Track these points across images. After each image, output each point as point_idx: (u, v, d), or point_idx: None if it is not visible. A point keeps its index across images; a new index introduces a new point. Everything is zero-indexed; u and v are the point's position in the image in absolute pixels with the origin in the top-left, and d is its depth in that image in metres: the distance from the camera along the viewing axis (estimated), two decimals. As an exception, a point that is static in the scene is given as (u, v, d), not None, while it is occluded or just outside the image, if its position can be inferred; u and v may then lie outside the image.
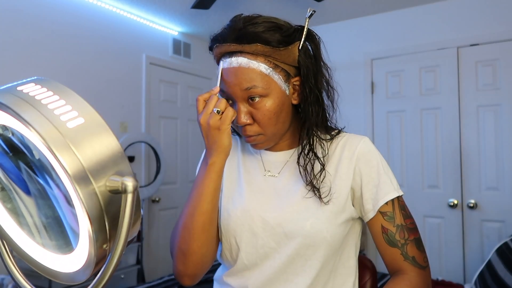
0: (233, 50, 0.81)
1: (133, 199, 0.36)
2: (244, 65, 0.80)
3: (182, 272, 0.85)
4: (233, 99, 0.82)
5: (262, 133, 0.83)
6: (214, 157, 0.82)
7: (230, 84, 0.81)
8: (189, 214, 0.83)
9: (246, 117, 0.82)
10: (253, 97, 0.80)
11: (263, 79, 0.80)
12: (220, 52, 0.83)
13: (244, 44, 0.79)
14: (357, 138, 0.88)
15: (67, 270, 0.41)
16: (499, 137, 2.79)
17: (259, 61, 0.80)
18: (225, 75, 0.82)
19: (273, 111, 0.81)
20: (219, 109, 0.79)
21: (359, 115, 3.26)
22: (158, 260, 3.42)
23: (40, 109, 0.36)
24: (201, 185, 0.83)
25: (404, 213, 0.85)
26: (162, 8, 3.15)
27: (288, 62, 0.82)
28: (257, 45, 0.79)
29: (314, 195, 0.82)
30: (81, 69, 2.86)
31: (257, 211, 0.86)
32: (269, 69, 0.81)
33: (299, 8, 3.07)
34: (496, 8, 2.82)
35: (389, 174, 0.86)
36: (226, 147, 0.81)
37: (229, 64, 0.81)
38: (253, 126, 0.82)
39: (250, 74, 0.80)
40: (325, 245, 0.82)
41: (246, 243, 0.85)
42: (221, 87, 0.83)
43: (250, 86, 0.79)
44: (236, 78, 0.80)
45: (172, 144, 3.60)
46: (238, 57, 0.80)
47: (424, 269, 0.83)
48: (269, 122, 0.82)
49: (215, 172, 0.82)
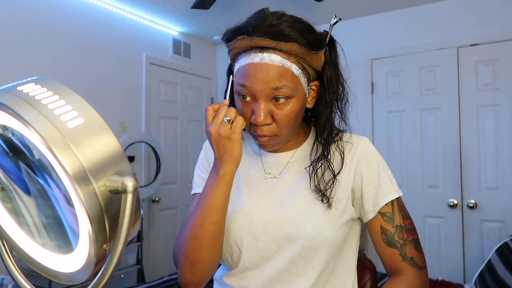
0: (266, 46, 0.76)
1: (133, 199, 0.36)
2: (278, 63, 0.77)
3: (189, 281, 0.83)
4: (256, 96, 0.78)
5: (277, 134, 0.81)
6: (225, 167, 0.78)
7: (258, 80, 0.77)
8: (199, 223, 0.80)
9: (267, 118, 0.78)
10: (278, 97, 0.78)
11: (293, 80, 0.78)
12: (249, 45, 0.78)
13: (280, 42, 0.76)
14: (357, 138, 0.88)
15: (67, 270, 0.41)
16: (499, 137, 2.79)
17: (291, 61, 0.78)
18: (253, 70, 0.77)
19: (295, 113, 0.80)
20: (229, 118, 0.76)
21: (359, 115, 3.25)
22: (158, 260, 3.42)
23: (40, 109, 0.36)
24: (212, 195, 0.80)
25: (403, 213, 0.85)
26: (162, 8, 3.15)
27: (315, 66, 0.82)
28: (294, 44, 0.76)
29: (321, 201, 0.82)
30: (81, 69, 2.86)
31: (257, 214, 0.85)
32: (299, 71, 0.79)
33: (299, 8, 3.07)
34: (496, 8, 2.82)
35: (389, 175, 0.86)
36: (237, 156, 0.78)
37: (260, 59, 0.77)
38: (270, 126, 0.80)
39: (282, 73, 0.77)
40: (326, 247, 0.81)
41: (247, 246, 0.85)
42: (244, 83, 0.78)
43: (281, 86, 0.77)
44: (267, 75, 0.76)
45: (172, 144, 3.60)
46: (271, 54, 0.77)
47: (422, 270, 0.84)
48: (289, 124, 0.80)
49: (226, 182, 0.79)
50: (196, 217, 0.81)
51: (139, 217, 0.40)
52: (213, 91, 4.06)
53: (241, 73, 0.79)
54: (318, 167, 0.84)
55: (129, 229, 0.36)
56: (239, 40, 0.79)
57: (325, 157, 0.84)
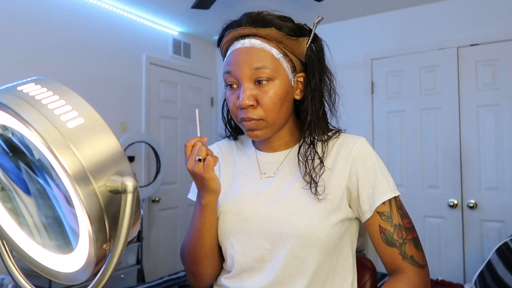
0: (247, 33, 0.84)
1: (133, 199, 0.36)
2: (257, 45, 0.83)
3: (194, 285, 0.95)
4: (240, 79, 0.83)
5: (263, 118, 0.83)
6: (206, 199, 0.85)
7: (240, 63, 0.82)
8: (193, 244, 0.89)
9: (250, 99, 0.81)
10: (260, 79, 0.82)
11: (273, 62, 0.83)
12: (234, 36, 0.85)
13: (259, 28, 0.83)
14: (353, 138, 0.88)
15: (67, 270, 0.41)
16: (499, 137, 2.79)
17: (271, 45, 0.83)
18: (235, 55, 0.83)
19: (279, 96, 0.83)
20: (200, 157, 0.80)
21: (359, 115, 3.26)
22: (158, 260, 3.42)
23: (40, 109, 0.36)
24: (199, 222, 0.88)
25: (401, 212, 0.85)
26: (162, 8, 3.15)
27: (297, 54, 0.86)
28: (272, 29, 0.82)
29: (310, 188, 0.83)
30: (81, 69, 2.86)
31: (250, 213, 0.86)
32: (280, 55, 0.84)
33: (299, 8, 3.07)
34: (496, 8, 2.82)
35: (385, 174, 0.86)
36: (214, 190, 0.84)
37: (241, 44, 0.84)
38: (256, 110, 0.83)
39: (262, 54, 0.82)
40: (319, 246, 0.82)
41: (242, 245, 0.86)
42: (228, 69, 0.84)
43: (261, 66, 0.81)
44: (248, 57, 0.82)
45: (172, 144, 3.60)
46: (251, 39, 0.83)
47: (423, 268, 0.84)
48: (274, 107, 0.83)
49: (210, 210, 0.86)
50: (190, 237, 0.91)
51: (139, 217, 0.40)
52: (213, 91, 4.06)
53: (226, 62, 0.86)
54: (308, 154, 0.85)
55: (129, 229, 0.36)
56: (226, 35, 0.87)
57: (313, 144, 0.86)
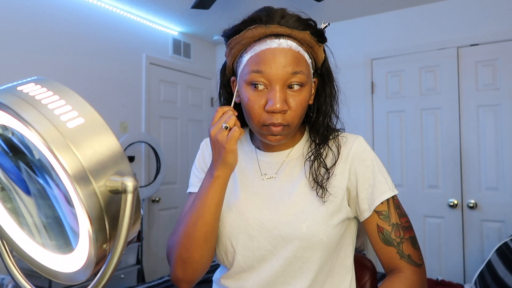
0: (282, 33, 0.78)
1: (133, 199, 0.36)
2: (294, 48, 0.78)
3: (180, 279, 0.84)
4: (273, 82, 0.77)
5: (290, 123, 0.80)
6: (219, 171, 0.79)
7: (277, 65, 0.76)
8: (192, 223, 0.81)
9: (284, 104, 0.77)
10: (293, 84, 0.78)
11: (307, 68, 0.80)
12: (264, 32, 0.78)
13: (294, 29, 0.78)
14: (352, 137, 0.88)
15: (67, 270, 0.41)
16: (499, 137, 2.79)
17: (304, 49, 0.80)
18: (271, 54, 0.77)
19: (306, 102, 0.81)
20: (227, 125, 0.75)
21: (359, 115, 3.26)
22: (158, 260, 3.42)
23: (40, 109, 0.36)
24: (205, 196, 0.80)
25: (399, 211, 0.85)
26: (162, 8, 3.15)
27: (317, 61, 0.84)
28: (307, 33, 0.79)
29: (316, 190, 0.82)
30: (81, 69, 2.86)
31: (252, 214, 0.85)
32: (310, 60, 0.81)
33: (299, 8, 3.06)
34: (496, 8, 2.82)
35: (383, 173, 0.86)
36: (231, 164, 0.78)
37: (277, 44, 0.77)
38: (285, 115, 0.78)
39: (300, 59, 0.78)
40: (321, 247, 0.81)
41: (242, 246, 0.85)
42: (260, 68, 0.77)
43: (298, 71, 0.77)
44: (286, 59, 0.76)
45: (172, 144, 3.60)
46: (288, 40, 0.78)
47: (420, 267, 0.84)
48: (301, 114, 0.80)
49: (220, 185, 0.80)
50: (190, 216, 0.82)
51: (139, 217, 0.40)
52: (213, 91, 4.06)
53: (255, 60, 0.78)
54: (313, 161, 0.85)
55: (129, 229, 0.36)
56: (251, 29, 0.78)
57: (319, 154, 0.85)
